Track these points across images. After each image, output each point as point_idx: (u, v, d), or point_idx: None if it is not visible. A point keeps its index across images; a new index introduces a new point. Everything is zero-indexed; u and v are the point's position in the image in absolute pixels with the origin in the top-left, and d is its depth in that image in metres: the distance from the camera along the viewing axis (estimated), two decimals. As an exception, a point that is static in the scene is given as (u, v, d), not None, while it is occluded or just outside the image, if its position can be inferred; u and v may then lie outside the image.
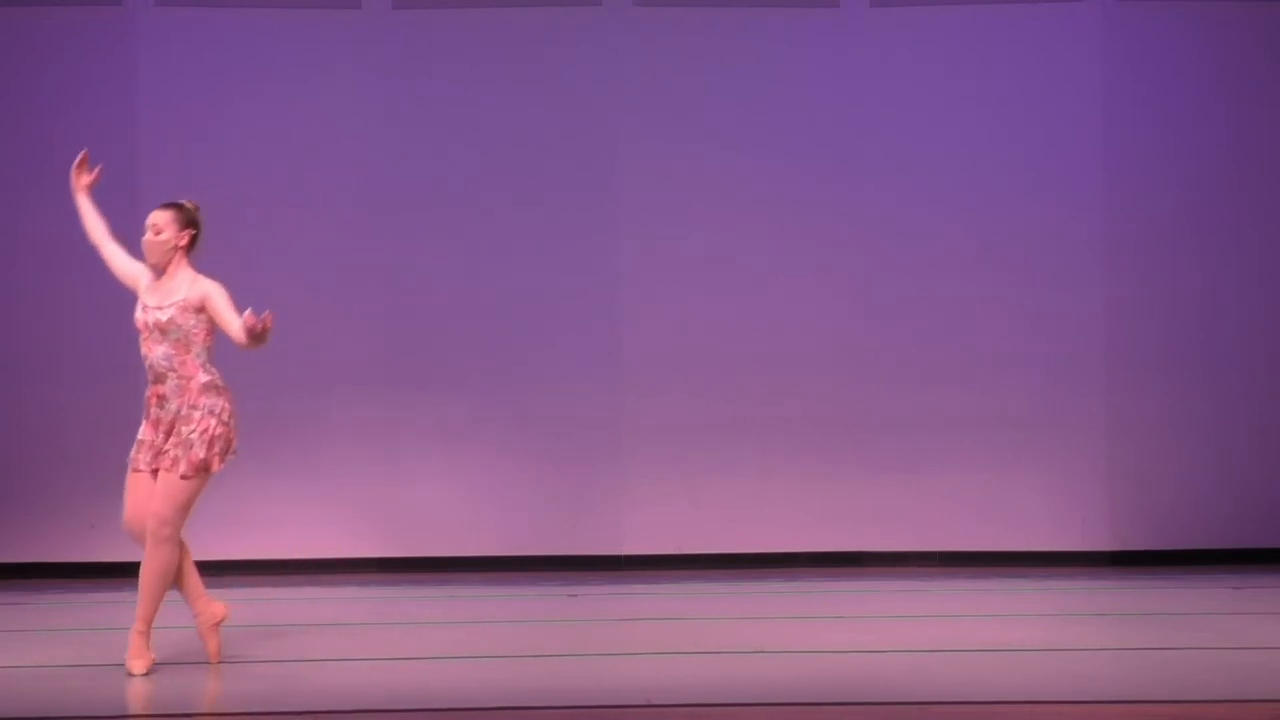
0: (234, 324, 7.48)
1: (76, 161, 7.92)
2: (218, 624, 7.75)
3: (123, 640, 8.74)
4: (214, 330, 7.61)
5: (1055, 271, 11.50)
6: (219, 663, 7.66)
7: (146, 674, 7.42)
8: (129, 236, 11.36)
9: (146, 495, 7.48)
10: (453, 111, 11.52)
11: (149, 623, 7.51)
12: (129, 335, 11.52)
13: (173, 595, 7.68)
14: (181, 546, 7.57)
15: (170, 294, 7.61)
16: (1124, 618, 9.30)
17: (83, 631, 8.95)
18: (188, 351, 7.54)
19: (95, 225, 7.84)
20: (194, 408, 7.48)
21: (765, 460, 11.49)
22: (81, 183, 7.89)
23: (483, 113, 11.51)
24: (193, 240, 7.76)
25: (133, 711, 6.65)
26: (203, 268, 11.44)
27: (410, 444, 11.46)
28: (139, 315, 7.64)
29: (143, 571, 7.48)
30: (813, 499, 11.47)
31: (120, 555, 11.34)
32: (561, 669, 7.59)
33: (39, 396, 11.35)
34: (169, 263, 7.67)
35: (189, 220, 7.74)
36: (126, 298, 11.37)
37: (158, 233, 7.65)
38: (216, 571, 11.32)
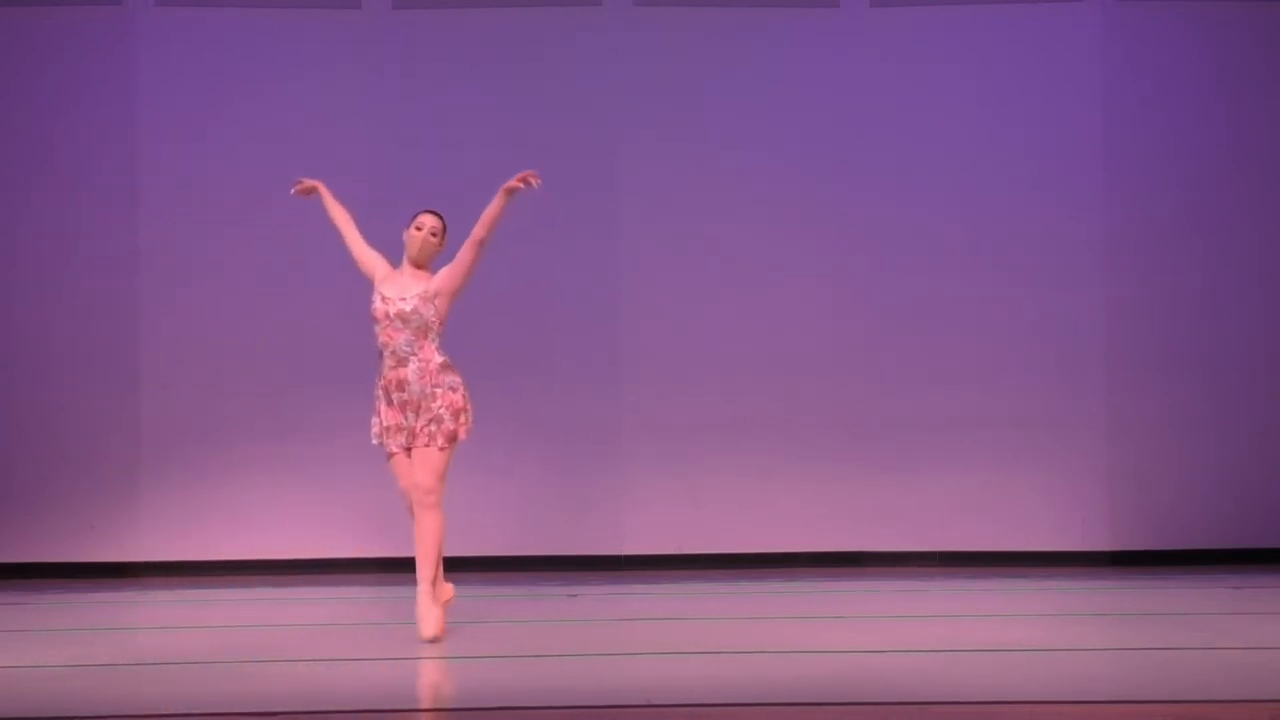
0: (468, 246, 8.24)
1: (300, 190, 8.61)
2: (445, 604, 8.36)
3: (121, 640, 8.75)
4: (446, 314, 8.28)
5: (1055, 271, 11.50)
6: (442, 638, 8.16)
7: (436, 639, 8.08)
8: (129, 235, 11.41)
9: (410, 471, 8.26)
10: (452, 111, 11.53)
11: (431, 582, 8.23)
12: (128, 336, 11.60)
13: (177, 596, 7.67)
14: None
15: (411, 287, 8.24)
16: (1124, 618, 9.30)
17: (83, 631, 8.94)
18: (425, 337, 8.23)
19: (340, 213, 8.53)
20: (436, 386, 8.20)
21: (765, 460, 11.50)
22: (307, 191, 8.56)
23: (482, 112, 11.51)
24: None
25: (133, 711, 6.65)
26: (200, 264, 11.51)
27: (410, 444, 11.45)
28: (378, 305, 8.26)
29: (418, 537, 8.24)
30: (813, 499, 11.47)
31: (120, 555, 11.37)
32: (561, 669, 7.59)
33: (39, 397, 11.35)
34: (429, 263, 8.32)
35: (446, 229, 8.42)
36: (124, 299, 11.43)
37: (435, 236, 8.34)
38: (218, 571, 11.35)
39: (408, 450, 8.24)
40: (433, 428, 8.18)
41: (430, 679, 7.49)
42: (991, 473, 11.46)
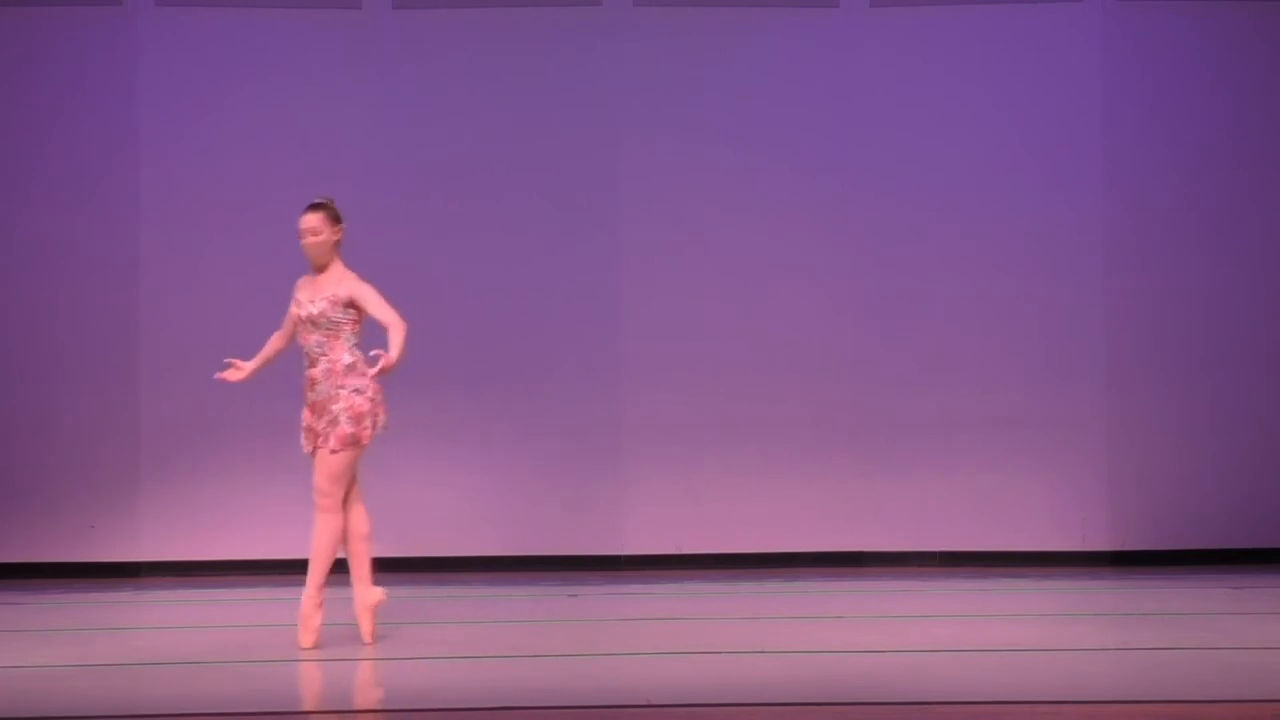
0: (389, 317, 8.01)
1: (230, 376, 8.52)
2: (374, 607, 8.23)
3: (122, 640, 8.76)
4: (362, 319, 8.13)
5: (1055, 271, 11.50)
6: (371, 644, 8.15)
7: (314, 646, 8.02)
8: (129, 236, 11.41)
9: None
10: (452, 112, 11.52)
11: (320, 588, 8.13)
12: (128, 336, 11.59)
13: (177, 596, 7.68)
14: (358, 524, 8.18)
15: (321, 289, 8.13)
16: (1124, 618, 9.30)
17: (83, 631, 8.95)
18: (336, 339, 8.10)
19: (274, 353, 8.51)
20: (340, 388, 8.06)
21: (765, 460, 11.49)
22: (242, 376, 8.49)
23: (482, 113, 11.51)
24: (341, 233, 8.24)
25: (133, 711, 6.65)
26: (200, 265, 11.51)
27: (411, 444, 11.44)
28: (293, 310, 8.20)
29: (312, 541, 8.14)
30: (813, 499, 11.47)
31: (120, 555, 11.37)
32: (561, 669, 7.60)
33: (38, 397, 11.35)
34: (330, 261, 8.18)
35: (337, 216, 8.25)
36: (124, 300, 11.42)
37: (316, 234, 8.17)
38: (217, 571, 11.36)
39: (314, 452, 8.14)
40: (329, 429, 8.06)
41: (430, 679, 7.49)
42: (991, 473, 11.46)
